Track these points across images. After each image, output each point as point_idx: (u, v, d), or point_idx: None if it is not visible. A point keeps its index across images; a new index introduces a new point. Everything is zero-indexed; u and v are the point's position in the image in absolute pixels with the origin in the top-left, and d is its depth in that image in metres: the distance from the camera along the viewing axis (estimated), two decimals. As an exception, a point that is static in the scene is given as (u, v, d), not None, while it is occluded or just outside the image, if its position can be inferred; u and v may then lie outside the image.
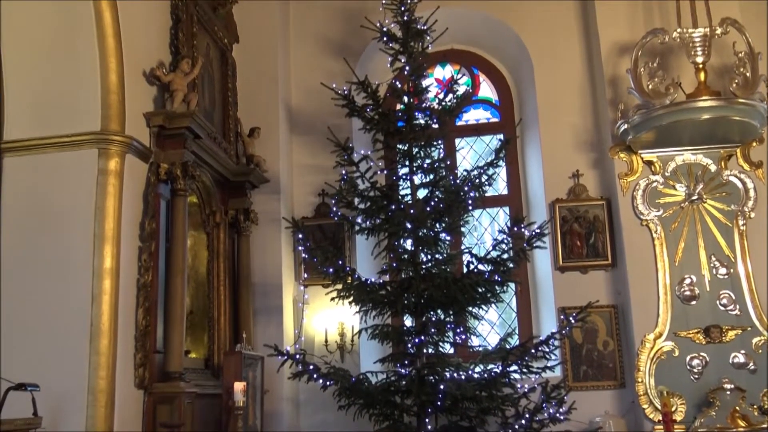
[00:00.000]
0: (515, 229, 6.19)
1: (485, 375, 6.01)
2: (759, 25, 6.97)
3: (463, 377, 5.96)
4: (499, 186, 7.80)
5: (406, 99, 6.58)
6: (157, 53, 5.91)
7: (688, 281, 6.48)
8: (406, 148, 6.48)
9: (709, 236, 6.54)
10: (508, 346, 6.27)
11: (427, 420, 5.87)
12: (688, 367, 6.33)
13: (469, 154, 8.08)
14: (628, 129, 6.51)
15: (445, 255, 6.30)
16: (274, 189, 7.32)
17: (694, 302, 6.45)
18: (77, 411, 4.73)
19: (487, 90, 8.21)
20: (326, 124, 6.85)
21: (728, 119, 6.31)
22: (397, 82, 6.61)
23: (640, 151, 6.72)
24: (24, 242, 5.09)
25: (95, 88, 5.19)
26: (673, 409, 6.05)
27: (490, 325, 7.66)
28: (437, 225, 6.30)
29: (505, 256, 6.13)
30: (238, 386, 5.50)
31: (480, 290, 6.13)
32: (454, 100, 6.64)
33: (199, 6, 6.50)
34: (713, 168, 6.67)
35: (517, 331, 7.45)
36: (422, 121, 6.53)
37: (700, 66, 6.46)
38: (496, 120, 8.10)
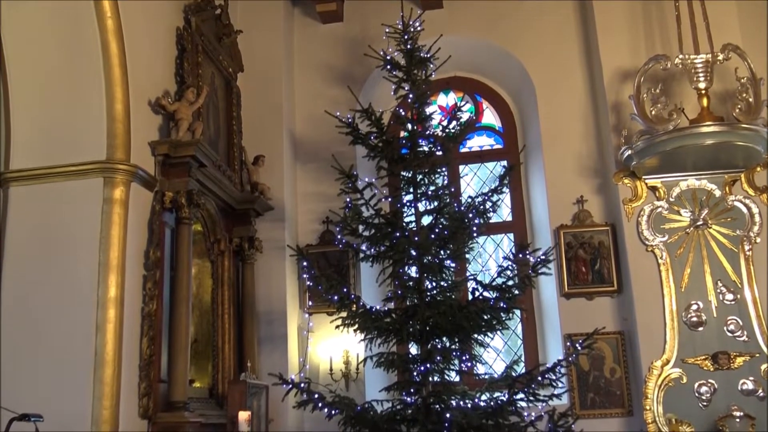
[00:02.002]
0: (520, 255, 6.17)
1: (492, 403, 5.95)
2: (761, 51, 7.00)
3: (469, 405, 5.90)
4: (503, 212, 7.79)
5: (409, 126, 6.59)
6: (163, 82, 5.96)
7: (694, 307, 6.44)
8: (410, 175, 6.48)
9: (715, 262, 6.51)
10: (514, 374, 6.22)
11: (433, 449, 5.80)
12: (697, 394, 6.27)
13: (473, 180, 8.09)
14: (631, 155, 6.52)
15: (450, 282, 6.27)
16: (279, 217, 7.33)
17: (701, 328, 6.40)
18: (81, 441, 4.70)
19: (490, 117, 8.25)
20: (330, 151, 6.86)
21: (732, 144, 6.32)
22: (401, 110, 6.63)
23: (644, 177, 6.72)
24: (29, 271, 5.10)
25: (101, 117, 5.24)
26: (681, 437, 5.99)
27: (496, 353, 7.62)
28: (442, 252, 6.28)
29: (511, 282, 6.10)
30: (243, 416, 5.46)
31: (485, 317, 6.09)
32: (458, 127, 6.65)
33: (204, 36, 6.56)
34: (718, 193, 6.66)
35: (523, 359, 7.39)
36: (426, 148, 6.54)
37: (703, 92, 6.48)
38: (499, 146, 8.13)
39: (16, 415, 4.10)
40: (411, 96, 6.53)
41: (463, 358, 6.16)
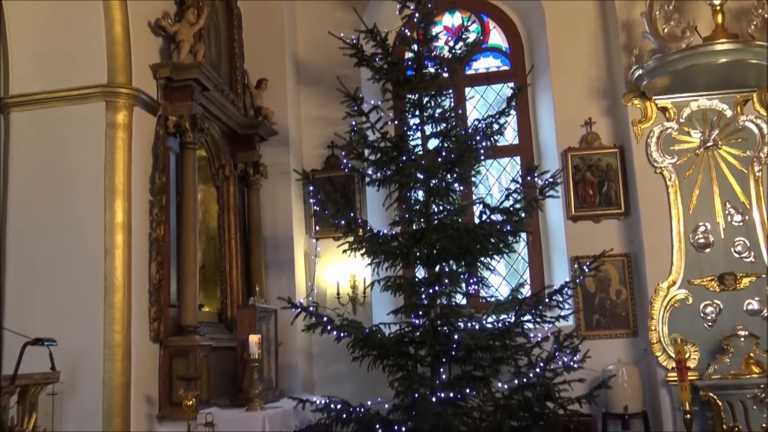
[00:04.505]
0: (528, 178, 6.12)
1: (499, 325, 6.01)
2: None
3: (476, 327, 5.97)
4: (510, 135, 7.69)
5: (415, 47, 6.45)
6: (162, 3, 5.79)
7: (702, 229, 6.42)
8: (416, 97, 6.38)
9: (724, 183, 6.46)
10: (520, 297, 6.26)
11: (441, 370, 5.89)
12: (702, 315, 6.32)
13: (479, 103, 7.96)
14: (642, 74, 6.38)
15: (456, 205, 6.25)
16: (283, 141, 7.25)
17: (708, 250, 6.40)
18: (94, 365, 4.76)
19: (497, 37, 8.05)
20: (334, 74, 6.74)
21: (745, 63, 6.17)
22: (406, 30, 6.48)
23: (654, 98, 6.60)
24: (34, 197, 5.07)
25: (100, 39, 5.11)
26: (686, 356, 6.04)
27: (501, 277, 7.65)
28: (448, 175, 6.24)
29: (518, 205, 6.08)
30: (253, 339, 5.51)
31: (492, 240, 6.09)
32: (464, 48, 6.51)
33: (202, -46, 6.34)
34: (729, 113, 6.55)
35: (528, 282, 7.43)
36: (432, 70, 6.41)
37: (717, 8, 6.30)
38: (506, 68, 7.96)
39: (30, 339, 4.13)
40: (416, 15, 6.36)
41: (470, 281, 6.19)
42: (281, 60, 7.36)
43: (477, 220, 6.22)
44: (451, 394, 5.71)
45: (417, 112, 6.38)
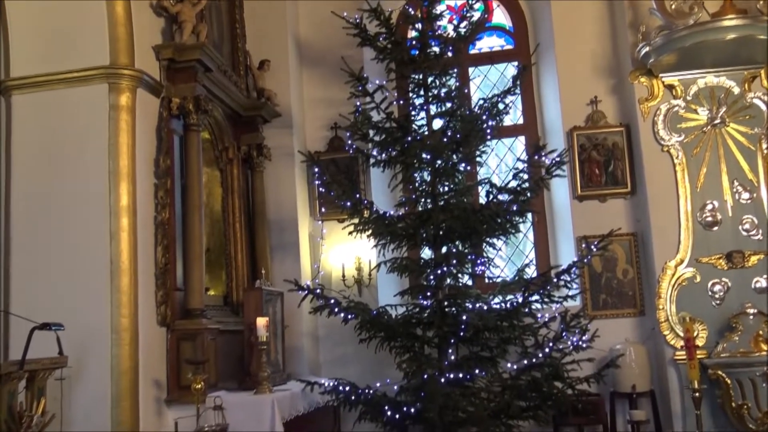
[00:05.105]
0: (535, 157, 6.08)
1: (506, 305, 5.99)
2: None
3: (484, 308, 5.94)
4: (515, 115, 7.63)
5: (419, 26, 6.39)
6: (163, -17, 5.70)
7: (710, 207, 6.38)
8: (420, 77, 6.32)
9: (732, 161, 6.41)
10: (525, 277, 6.24)
11: (449, 351, 5.87)
12: (710, 293, 6.29)
13: (482, 83, 7.89)
14: (649, 51, 6.31)
15: (462, 186, 6.21)
16: (286, 123, 7.19)
17: (716, 228, 6.36)
18: (102, 349, 4.72)
19: (500, 16, 7.96)
20: (337, 55, 6.69)
21: (753, 39, 6.09)
22: (410, 9, 6.41)
23: (661, 75, 6.53)
24: (38, 181, 5.00)
25: (102, 20, 5.02)
26: (695, 334, 6.02)
27: (506, 257, 7.62)
28: (454, 155, 6.19)
29: (525, 185, 6.05)
30: (261, 321, 5.47)
31: (499, 221, 6.06)
32: (469, 27, 6.46)
33: (202, -67, 6.24)
34: (736, 90, 6.48)
35: (534, 262, 7.39)
36: (436, 49, 6.35)
37: (725, -16, 6.22)
38: (510, 47, 7.88)
39: (37, 324, 4.09)
40: (420, -7, 6.30)
41: (477, 261, 6.17)
42: (283, 40, 7.28)
43: (483, 200, 6.18)
44: (459, 375, 5.71)
45: (422, 92, 6.33)
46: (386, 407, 5.74)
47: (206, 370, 4.97)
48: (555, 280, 5.98)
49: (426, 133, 6.24)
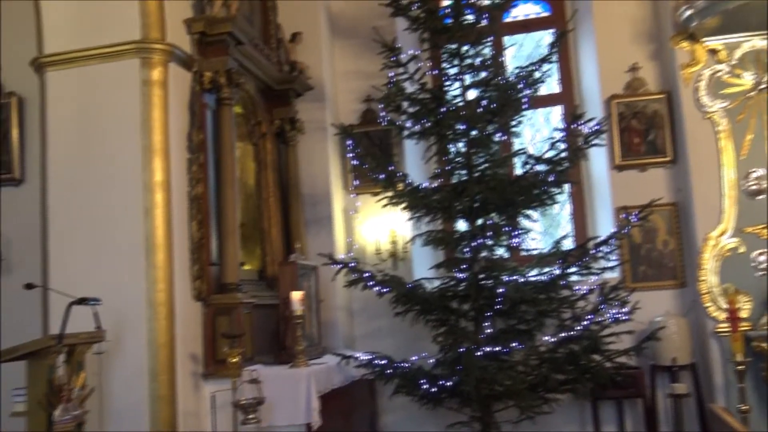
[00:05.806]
0: (573, 126, 5.95)
1: (543, 277, 5.91)
2: None
3: (520, 281, 5.87)
4: (551, 84, 7.46)
5: (453, -7, 6.26)
6: (192, -45, 5.65)
7: (754, 175, 6.18)
8: (454, 47, 6.20)
9: (778, 127, 6.21)
10: (563, 249, 6.14)
11: (485, 324, 5.82)
12: (754, 264, 6.12)
13: (517, 52, 7.72)
14: (692, 15, 6.09)
15: (498, 157, 6.11)
16: (318, 97, 7.12)
17: (761, 197, 6.16)
18: (138, 324, 4.76)
19: (536, -18, 7.78)
20: (369, 26, 6.60)
21: (802, -1, 5.86)
22: (443, -24, 6.28)
23: (703, 39, 6.31)
24: (73, 156, 5.02)
25: (132, -6, 5.00)
26: (738, 306, 5.88)
27: (542, 229, 7.51)
28: (490, 126, 6.09)
29: (563, 155, 5.92)
30: (296, 296, 5.46)
31: (536, 192, 5.96)
32: (504, -6, 6.32)
33: None
34: (783, 54, 6.26)
35: (571, 234, 7.27)
36: (471, 18, 6.21)
37: (772, -59, 5.97)
38: (546, 14, 7.69)
39: (75, 299, 4.13)
40: (453, -40, 6.15)
41: (514, 233, 6.08)
42: (315, 13, 7.20)
43: (519, 171, 6.08)
44: (496, 349, 5.67)
45: (456, 62, 6.21)
46: (422, 381, 5.73)
47: (242, 344, 4.97)
48: (593, 251, 5.87)
49: (461, 103, 6.13)
